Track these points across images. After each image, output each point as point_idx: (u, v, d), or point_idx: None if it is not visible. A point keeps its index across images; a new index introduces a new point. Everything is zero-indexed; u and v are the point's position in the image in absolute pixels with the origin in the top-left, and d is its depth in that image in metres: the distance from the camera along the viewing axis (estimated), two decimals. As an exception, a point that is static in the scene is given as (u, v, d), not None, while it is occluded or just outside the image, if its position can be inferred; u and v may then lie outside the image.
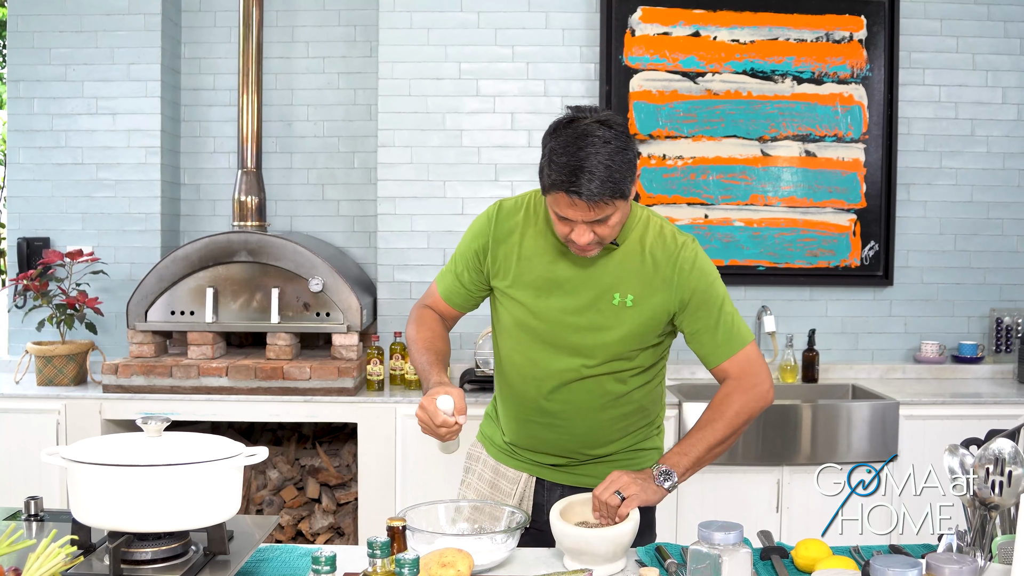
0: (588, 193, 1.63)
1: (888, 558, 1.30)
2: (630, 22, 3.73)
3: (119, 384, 3.33)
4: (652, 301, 1.81)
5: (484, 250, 1.90)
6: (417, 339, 1.96)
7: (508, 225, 1.89)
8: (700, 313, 1.83)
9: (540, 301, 1.85)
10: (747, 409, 1.84)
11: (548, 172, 1.67)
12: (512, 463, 2.00)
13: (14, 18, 3.76)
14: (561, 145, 1.66)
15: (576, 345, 1.83)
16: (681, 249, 1.83)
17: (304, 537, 3.58)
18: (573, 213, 1.68)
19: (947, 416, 3.32)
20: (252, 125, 3.65)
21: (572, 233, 1.71)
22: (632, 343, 1.83)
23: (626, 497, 1.70)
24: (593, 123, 1.67)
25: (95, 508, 1.42)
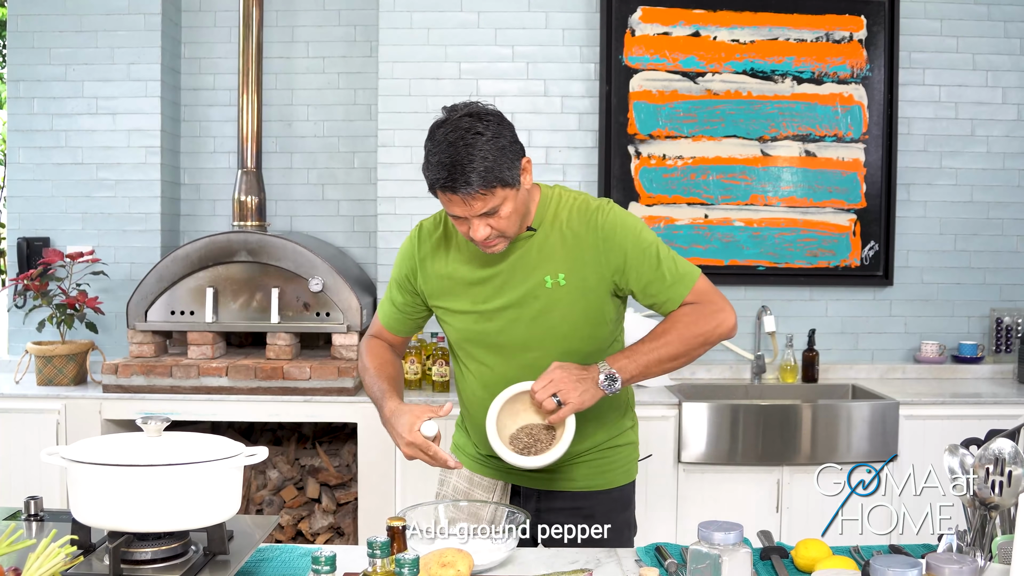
0: (465, 187, 1.64)
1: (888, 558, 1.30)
2: (630, 22, 3.73)
3: (119, 384, 3.33)
4: (585, 273, 1.80)
5: (414, 273, 1.92)
6: (368, 368, 1.97)
7: (431, 243, 1.91)
8: (642, 268, 1.80)
9: (479, 306, 1.85)
10: (705, 330, 1.79)
11: (427, 172, 1.69)
12: (486, 472, 1.99)
13: (14, 18, 3.76)
14: (435, 144, 1.68)
15: (527, 339, 1.83)
16: (597, 213, 1.81)
17: (304, 537, 3.58)
18: (461, 210, 1.69)
19: (947, 416, 3.32)
20: (252, 125, 3.65)
21: (469, 231, 1.73)
22: (580, 321, 1.82)
23: (564, 403, 1.69)
24: (464, 117, 1.69)
25: (95, 508, 1.42)
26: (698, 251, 3.77)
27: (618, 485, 1.97)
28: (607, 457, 1.95)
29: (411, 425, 1.73)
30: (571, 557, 1.72)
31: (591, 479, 1.94)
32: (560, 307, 1.81)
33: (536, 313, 1.81)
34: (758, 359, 3.75)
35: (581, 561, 1.70)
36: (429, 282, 1.91)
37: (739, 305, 3.81)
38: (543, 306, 1.81)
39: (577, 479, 1.92)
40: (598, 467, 1.94)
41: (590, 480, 1.94)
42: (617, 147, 3.74)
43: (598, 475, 1.94)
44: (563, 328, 1.82)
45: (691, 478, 3.28)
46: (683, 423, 3.26)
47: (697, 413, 3.26)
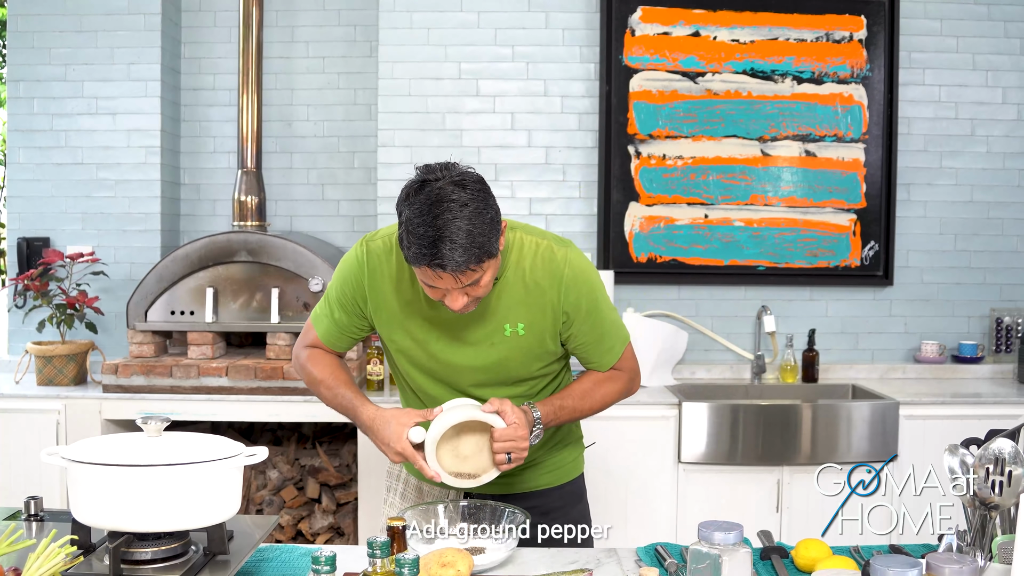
0: (453, 264, 1.55)
1: (888, 558, 1.30)
2: (630, 22, 3.73)
3: (119, 384, 3.33)
4: (544, 322, 1.79)
5: (362, 299, 1.82)
6: (320, 380, 1.88)
7: (381, 269, 1.79)
8: (584, 327, 1.82)
9: (431, 346, 1.81)
10: (620, 396, 1.92)
11: (408, 244, 1.57)
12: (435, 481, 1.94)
13: (14, 18, 3.76)
14: (416, 214, 1.56)
15: (478, 379, 1.82)
16: (563, 265, 1.77)
17: (304, 537, 3.58)
18: (442, 283, 1.60)
19: (947, 416, 3.32)
20: (252, 125, 3.66)
21: (445, 299, 1.65)
22: (535, 365, 1.84)
23: (512, 461, 1.72)
24: (447, 185, 1.57)
25: (95, 508, 1.42)
26: (698, 251, 3.78)
27: (570, 479, 2.01)
28: (555, 455, 1.98)
29: (399, 434, 1.72)
30: (571, 557, 1.72)
31: (542, 477, 1.97)
32: (518, 354, 1.80)
33: (492, 358, 1.80)
34: (758, 359, 3.75)
35: (581, 561, 1.70)
36: (379, 311, 1.82)
37: (739, 305, 3.83)
38: (501, 353, 1.80)
39: (528, 481, 1.95)
40: (548, 466, 1.97)
41: (542, 479, 1.97)
42: (617, 147, 3.74)
43: (549, 473, 1.98)
44: (519, 373, 1.84)
45: (691, 478, 3.28)
46: (683, 423, 3.26)
47: (697, 413, 3.26)
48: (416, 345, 1.82)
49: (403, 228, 1.59)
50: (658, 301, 3.81)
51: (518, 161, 3.76)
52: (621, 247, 3.76)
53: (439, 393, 1.86)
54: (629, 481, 3.26)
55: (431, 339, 1.81)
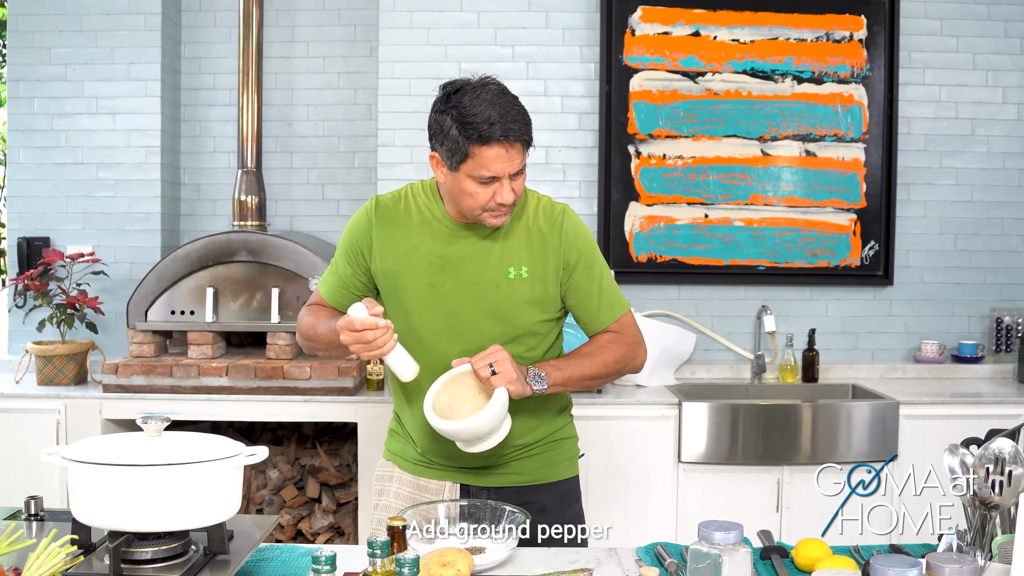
0: (518, 134, 1.71)
1: (888, 557, 1.30)
2: (630, 22, 3.73)
3: (119, 384, 3.33)
4: (544, 269, 1.86)
5: (368, 247, 1.89)
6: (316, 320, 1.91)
7: (390, 216, 1.89)
8: (584, 278, 1.89)
9: (437, 288, 1.85)
10: (622, 360, 1.92)
11: (473, 127, 1.69)
12: (432, 474, 1.97)
13: (14, 18, 3.76)
14: (474, 102, 1.70)
15: (480, 324, 1.85)
16: (563, 216, 1.89)
17: (304, 537, 3.58)
18: (501, 166, 1.71)
19: (947, 416, 3.32)
20: (252, 125, 3.66)
21: (497, 194, 1.74)
22: (537, 314, 1.87)
23: (496, 372, 1.73)
24: (487, 80, 1.76)
25: (95, 508, 1.42)
26: (698, 251, 3.78)
27: (564, 478, 2.01)
28: (552, 450, 1.99)
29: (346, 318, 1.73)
30: (571, 557, 1.72)
31: (538, 472, 1.97)
32: (520, 298, 1.86)
33: (495, 300, 1.85)
34: (758, 359, 3.75)
35: (581, 561, 1.70)
36: (385, 257, 1.87)
37: (739, 305, 3.83)
38: (504, 296, 1.85)
39: (524, 473, 1.95)
40: (543, 460, 1.98)
41: (537, 473, 1.97)
42: (617, 147, 3.74)
43: (544, 468, 1.98)
44: (519, 318, 1.87)
45: (691, 478, 3.28)
46: (683, 423, 3.26)
47: (697, 413, 3.27)
48: (422, 288, 1.86)
49: (456, 120, 1.70)
50: (658, 301, 3.82)
51: (518, 161, 3.75)
52: (621, 247, 3.76)
53: (439, 346, 1.86)
54: (629, 481, 3.26)
55: (437, 280, 1.85)
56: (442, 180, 1.82)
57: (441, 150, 1.76)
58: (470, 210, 1.78)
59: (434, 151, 1.79)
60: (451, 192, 1.80)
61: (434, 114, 1.77)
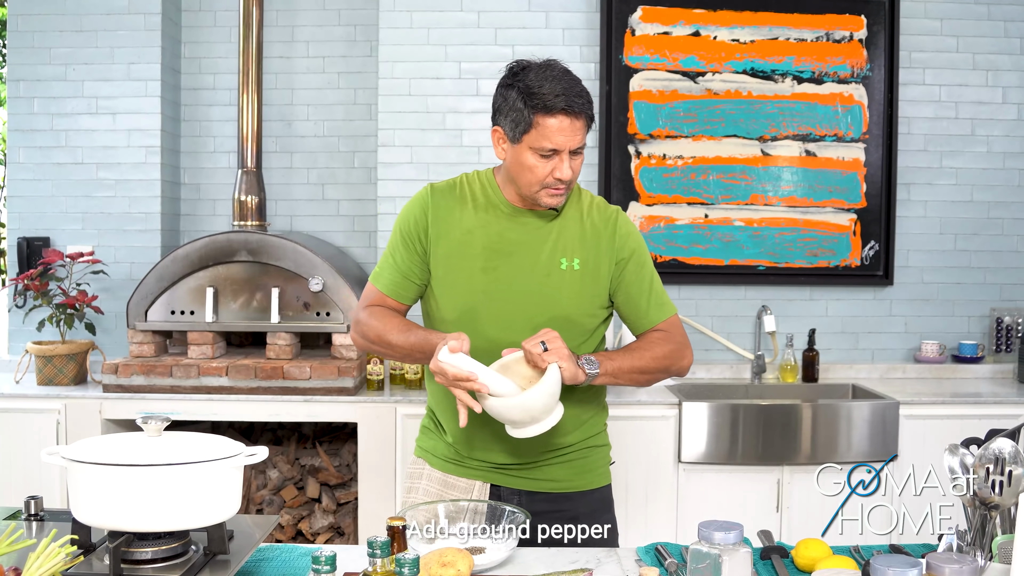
0: (582, 107, 1.74)
1: (888, 557, 1.30)
2: (630, 22, 3.73)
3: (119, 384, 3.33)
4: (596, 263, 1.88)
5: (424, 230, 1.88)
6: (384, 327, 1.86)
7: (446, 201, 1.90)
8: (634, 276, 1.91)
9: (489, 274, 1.85)
10: (671, 357, 1.91)
11: (539, 97, 1.73)
12: (462, 471, 1.95)
13: (14, 18, 3.76)
14: (540, 77, 1.75)
15: (529, 313, 1.84)
16: (617, 214, 1.93)
17: (304, 537, 3.58)
18: (563, 139, 1.75)
19: (947, 416, 3.32)
20: (252, 125, 3.66)
21: (556, 169, 1.77)
22: (585, 309, 1.88)
23: (548, 348, 1.71)
24: (552, 60, 1.80)
25: (95, 508, 1.42)
26: (698, 251, 3.78)
27: (597, 487, 1.98)
28: (585, 457, 1.96)
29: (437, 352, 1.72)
30: (571, 557, 1.72)
31: (571, 480, 1.94)
32: (570, 290, 1.86)
33: (545, 289, 1.85)
34: (758, 359, 3.75)
35: (581, 561, 1.69)
36: (440, 241, 1.87)
37: (739, 305, 3.83)
38: (554, 285, 1.86)
39: (557, 479, 1.93)
40: (577, 467, 1.95)
41: (570, 481, 1.94)
42: (617, 147, 3.74)
43: (577, 475, 1.95)
44: (568, 310, 1.87)
45: (691, 478, 3.28)
46: (683, 423, 3.26)
47: (697, 413, 3.27)
48: (475, 272, 1.86)
49: (521, 93, 1.75)
50: (658, 301, 3.81)
51: (518, 161, 3.75)
52: (621, 247, 3.75)
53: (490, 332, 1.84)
54: (629, 481, 3.26)
55: (491, 265, 1.86)
56: (502, 156, 1.84)
57: (504, 122, 1.80)
58: (528, 185, 1.80)
59: (496, 126, 1.83)
60: (510, 168, 1.83)
61: (500, 89, 1.81)
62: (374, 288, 1.95)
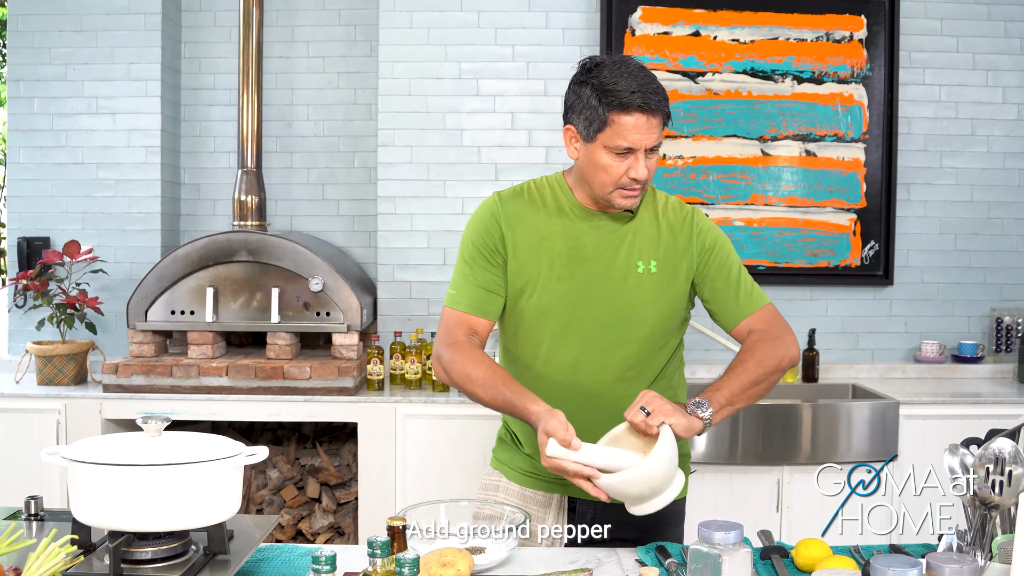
0: (658, 104, 1.69)
1: (888, 557, 1.30)
2: (630, 22, 3.73)
3: (119, 384, 3.33)
4: (675, 264, 1.83)
5: (501, 238, 1.83)
6: (472, 371, 1.74)
7: (515, 209, 1.85)
8: (720, 271, 1.85)
9: (564, 282, 1.80)
10: (776, 356, 1.78)
11: (614, 94, 1.68)
12: (539, 484, 1.90)
13: (14, 18, 3.76)
14: (614, 74, 1.69)
15: (604, 318, 1.80)
16: (693, 213, 1.89)
17: (304, 537, 3.58)
18: (639, 136, 1.69)
19: (947, 416, 3.32)
20: (252, 125, 3.66)
21: (631, 168, 1.72)
22: (663, 312, 1.83)
23: (650, 412, 1.60)
24: (626, 56, 1.76)
25: (95, 508, 1.42)
26: (698, 251, 3.77)
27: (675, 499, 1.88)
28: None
29: (542, 443, 1.60)
30: (571, 557, 1.72)
31: None
32: (646, 293, 1.82)
33: (623, 296, 1.81)
34: (758, 359, 3.74)
35: (581, 561, 1.69)
36: (516, 251, 1.82)
37: (739, 305, 3.82)
38: (631, 289, 1.81)
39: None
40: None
41: None
42: (617, 147, 3.73)
43: None
44: (644, 313, 1.82)
45: (691, 478, 3.27)
46: (683, 423, 3.26)
47: (697, 413, 3.26)
48: (551, 282, 1.80)
49: (595, 90, 1.70)
50: (658, 301, 3.81)
51: (518, 161, 3.76)
52: (621, 247, 3.76)
53: (563, 344, 1.80)
54: (629, 481, 3.26)
55: (566, 272, 1.80)
56: (575, 156, 1.80)
57: (578, 121, 1.75)
58: (601, 186, 1.76)
59: (569, 124, 1.79)
60: (583, 168, 1.79)
61: (572, 87, 1.76)
62: (454, 312, 1.84)
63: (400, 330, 3.67)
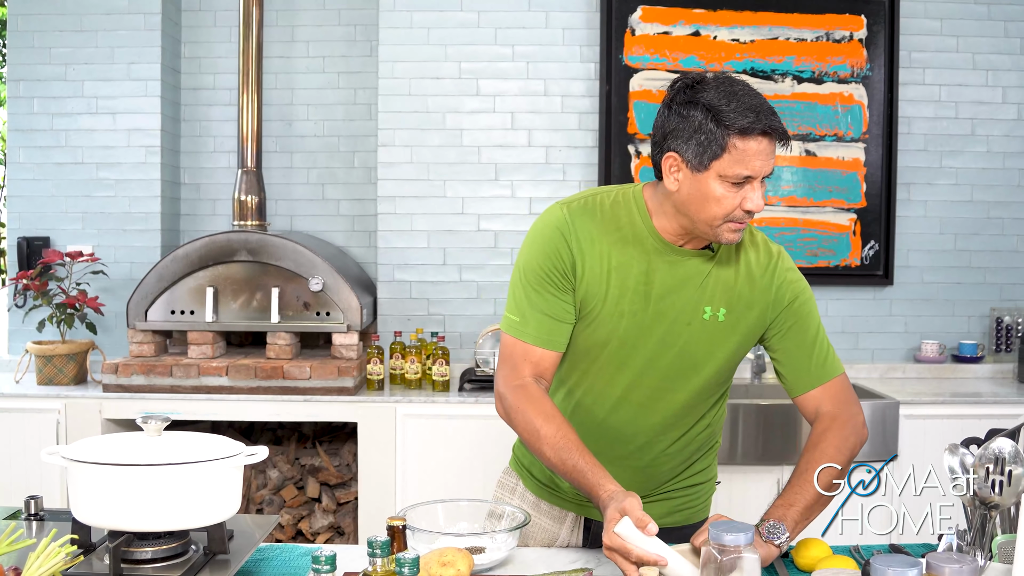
0: (781, 130, 1.51)
1: (888, 557, 1.30)
2: (630, 21, 3.73)
3: (119, 383, 3.33)
4: (746, 315, 1.67)
5: (570, 260, 1.63)
6: (544, 436, 1.59)
7: (586, 228, 1.64)
8: (797, 329, 1.69)
9: (626, 320, 1.64)
10: (848, 445, 1.65)
11: (735, 116, 1.48)
12: (555, 500, 1.83)
13: (14, 17, 3.76)
14: (726, 94, 1.50)
15: (656, 359, 1.66)
16: (779, 259, 1.70)
17: (304, 536, 3.58)
18: (761, 163, 1.51)
19: (947, 416, 3.32)
20: (252, 125, 3.66)
21: (746, 199, 1.53)
22: (721, 363, 1.69)
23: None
24: (726, 72, 1.61)
25: (95, 507, 1.42)
26: (698, 251, 3.77)
27: (697, 521, 1.83)
28: (689, 495, 1.84)
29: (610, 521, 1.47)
30: (571, 557, 1.72)
31: (673, 515, 1.81)
32: (708, 342, 1.67)
33: (682, 342, 1.66)
34: (758, 358, 3.75)
35: (581, 561, 1.69)
36: (586, 271, 1.63)
37: (739, 305, 3.82)
38: (692, 335, 1.66)
39: (657, 515, 1.64)
40: (678, 504, 1.82)
41: (672, 516, 1.81)
42: (617, 147, 3.74)
43: (677, 511, 1.82)
44: (700, 360, 1.68)
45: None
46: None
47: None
48: (615, 317, 1.64)
49: (708, 112, 1.50)
50: (658, 301, 3.81)
51: (518, 160, 3.76)
52: (621, 247, 3.75)
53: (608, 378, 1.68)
54: (629, 481, 3.26)
55: (634, 308, 1.63)
56: (675, 186, 1.57)
57: (686, 148, 1.53)
58: (711, 220, 1.55)
59: (672, 152, 1.56)
60: (687, 199, 1.56)
61: (676, 108, 1.55)
62: (517, 343, 1.67)
63: (400, 330, 3.68)
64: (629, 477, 1.71)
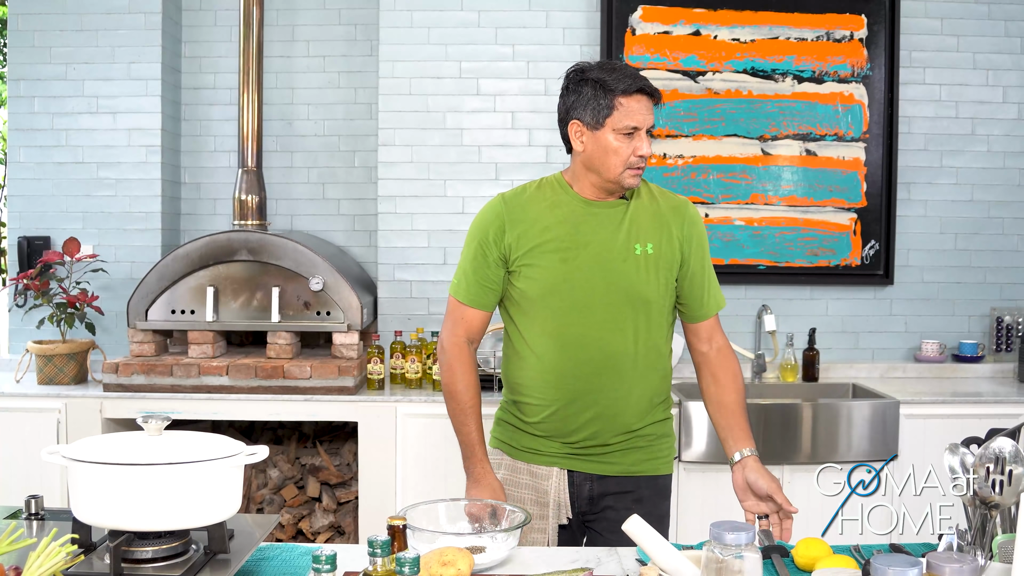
0: (652, 88, 1.94)
1: (888, 557, 1.30)
2: (631, 21, 3.72)
3: (119, 383, 3.34)
4: (668, 247, 2.00)
5: (501, 231, 2.01)
6: (457, 393, 2.04)
7: (520, 205, 2.03)
8: (698, 266, 2.04)
9: (568, 264, 1.97)
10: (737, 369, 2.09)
11: (614, 83, 1.90)
12: (540, 459, 2.05)
13: (14, 17, 3.76)
14: (608, 68, 1.93)
15: (606, 297, 1.97)
16: (685, 204, 2.07)
17: (304, 536, 3.58)
18: (643, 116, 1.92)
19: (947, 415, 3.32)
20: (252, 124, 3.66)
21: (638, 147, 1.92)
22: (660, 291, 2.00)
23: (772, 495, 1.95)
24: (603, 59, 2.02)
25: (95, 507, 1.42)
26: (698, 250, 3.77)
27: (662, 473, 2.10)
28: (654, 444, 2.08)
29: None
30: (571, 556, 1.72)
31: (641, 464, 2.06)
32: (646, 273, 1.99)
33: (622, 274, 1.97)
34: (758, 358, 3.75)
35: (581, 560, 1.70)
36: (520, 242, 1.99)
37: (739, 304, 3.83)
38: (631, 270, 1.98)
39: (628, 463, 2.04)
40: (646, 453, 2.06)
41: (640, 465, 2.06)
42: (617, 146, 3.73)
43: (646, 461, 2.07)
44: (645, 292, 1.98)
45: (691, 477, 3.28)
46: (683, 422, 3.26)
47: (698, 412, 3.26)
48: (555, 263, 1.97)
49: (595, 84, 1.92)
50: (658, 300, 3.81)
51: (518, 160, 3.76)
52: (621, 246, 3.76)
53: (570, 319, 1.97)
54: (629, 480, 3.26)
55: (570, 256, 1.97)
56: (581, 148, 1.96)
57: (584, 113, 1.94)
58: (613, 168, 1.93)
59: (574, 119, 1.96)
60: (591, 156, 1.95)
61: (571, 87, 1.98)
62: (456, 302, 2.07)
63: (400, 329, 3.68)
64: (610, 416, 2.00)
